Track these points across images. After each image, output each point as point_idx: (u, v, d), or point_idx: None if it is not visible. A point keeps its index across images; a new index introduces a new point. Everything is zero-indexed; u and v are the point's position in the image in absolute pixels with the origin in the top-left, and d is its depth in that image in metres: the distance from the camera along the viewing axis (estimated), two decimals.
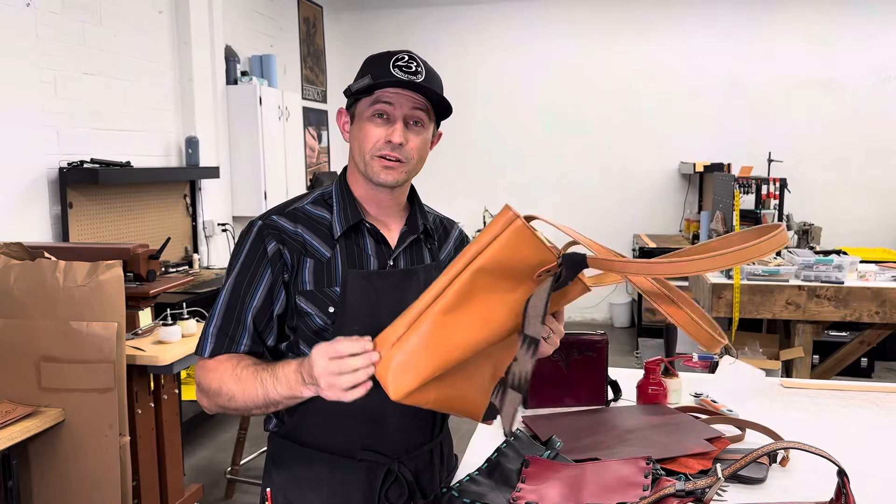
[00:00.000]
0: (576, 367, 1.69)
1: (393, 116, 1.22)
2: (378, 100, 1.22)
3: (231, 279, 1.25)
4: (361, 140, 1.24)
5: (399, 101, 1.22)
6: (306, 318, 1.24)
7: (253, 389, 1.14)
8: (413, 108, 1.23)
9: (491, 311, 1.00)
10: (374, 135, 1.22)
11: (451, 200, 6.54)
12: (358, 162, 1.27)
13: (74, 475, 2.30)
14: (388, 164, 1.23)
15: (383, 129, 1.22)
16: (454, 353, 1.00)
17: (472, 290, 0.98)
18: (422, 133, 1.26)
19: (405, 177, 1.26)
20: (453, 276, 0.99)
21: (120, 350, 2.28)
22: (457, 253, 1.42)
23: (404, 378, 0.99)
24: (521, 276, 0.99)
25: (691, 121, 6.46)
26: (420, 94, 1.23)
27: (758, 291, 3.37)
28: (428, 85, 1.21)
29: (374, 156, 1.23)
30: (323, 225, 1.28)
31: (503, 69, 6.76)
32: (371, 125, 1.23)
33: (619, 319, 6.69)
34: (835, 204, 6.23)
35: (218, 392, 1.19)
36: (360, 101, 1.25)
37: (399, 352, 1.00)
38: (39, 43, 3.38)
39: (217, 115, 4.80)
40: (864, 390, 1.85)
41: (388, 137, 1.22)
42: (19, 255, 2.38)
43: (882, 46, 6.11)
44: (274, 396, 1.12)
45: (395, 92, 1.21)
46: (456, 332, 0.99)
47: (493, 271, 0.97)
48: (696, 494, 1.06)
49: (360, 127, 1.25)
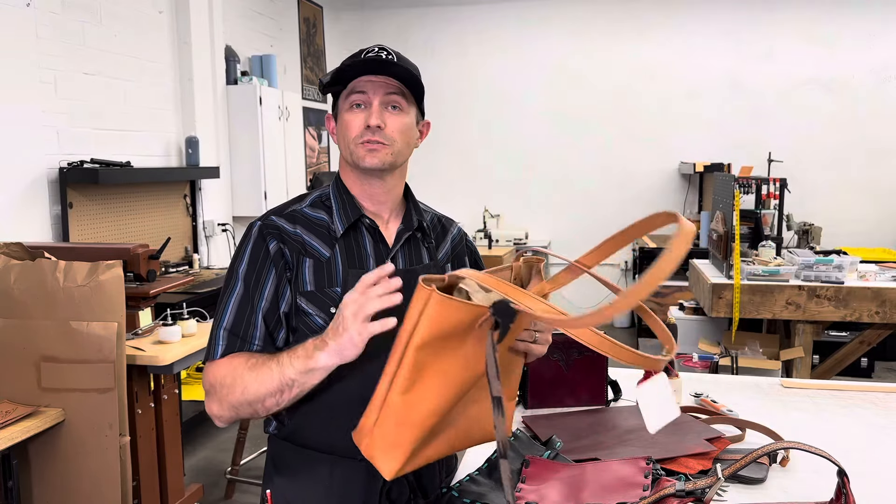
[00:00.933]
0: (576, 367, 1.69)
1: (368, 102, 1.24)
2: (353, 90, 1.24)
3: (238, 280, 1.24)
4: (344, 132, 1.26)
5: (373, 88, 1.23)
6: (306, 318, 1.24)
7: (267, 372, 1.12)
8: (387, 93, 1.24)
9: (447, 373, 1.01)
10: (354, 123, 1.24)
11: (450, 200, 6.55)
12: (346, 155, 1.29)
13: (74, 475, 2.30)
14: (371, 147, 1.24)
15: (361, 115, 1.24)
16: (429, 420, 1.02)
17: (421, 365, 0.99)
18: (402, 116, 1.26)
19: (391, 159, 1.26)
20: (398, 360, 1.00)
21: (120, 350, 2.28)
22: (454, 252, 1.43)
23: (392, 455, 1.02)
24: (462, 333, 1.00)
25: (691, 121, 6.46)
26: (393, 79, 1.24)
27: (758, 291, 3.37)
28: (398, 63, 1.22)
29: (357, 143, 1.25)
30: (321, 226, 1.28)
31: (503, 69, 6.76)
32: (350, 116, 1.25)
33: (619, 319, 6.69)
34: (835, 204, 6.23)
35: (232, 385, 1.16)
36: (339, 99, 1.28)
37: (379, 435, 1.02)
38: (39, 43, 3.39)
39: (217, 115, 4.80)
40: (864, 390, 1.84)
41: (366, 122, 1.23)
42: (19, 255, 2.38)
43: (882, 46, 6.11)
44: (289, 374, 1.10)
45: (368, 80, 1.23)
46: (422, 405, 1.01)
47: (432, 343, 0.98)
48: (696, 494, 1.06)
49: (342, 121, 1.27)
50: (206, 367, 1.22)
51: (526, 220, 6.88)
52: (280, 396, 1.13)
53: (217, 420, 1.21)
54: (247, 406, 1.15)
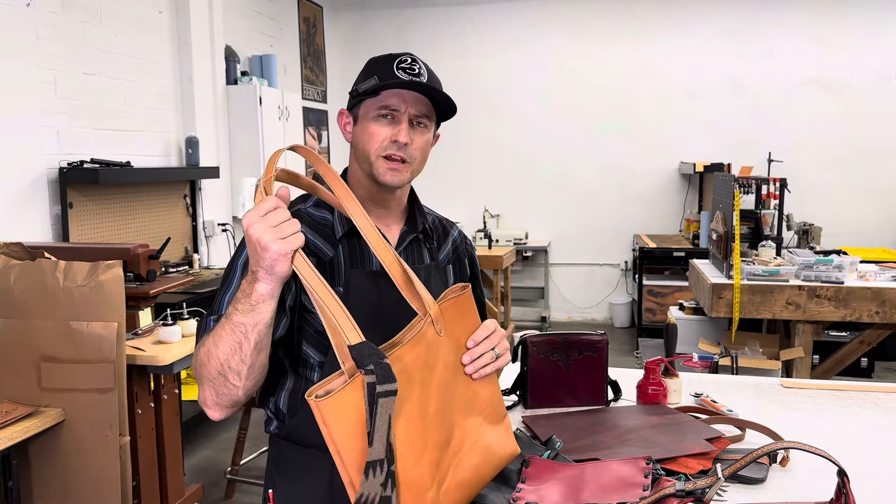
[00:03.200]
0: (576, 367, 1.69)
1: (398, 117, 1.24)
2: (384, 100, 1.24)
3: (236, 272, 1.23)
4: (366, 140, 1.25)
5: (405, 102, 1.24)
6: (309, 316, 1.24)
7: (221, 330, 1.08)
8: (418, 109, 1.25)
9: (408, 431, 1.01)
10: (380, 134, 1.24)
11: (451, 200, 6.54)
12: (361, 162, 1.28)
13: (74, 475, 2.30)
14: (393, 166, 1.25)
15: (388, 128, 1.24)
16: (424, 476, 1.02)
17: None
18: (425, 134, 1.28)
19: (409, 177, 1.28)
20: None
21: (120, 350, 2.28)
22: (455, 254, 1.44)
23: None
24: (360, 428, 0.98)
25: (691, 121, 6.47)
26: (424, 96, 1.25)
27: (758, 291, 3.37)
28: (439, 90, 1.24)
29: (378, 156, 1.25)
30: (325, 226, 1.29)
31: (503, 69, 6.76)
32: (376, 125, 1.24)
33: (619, 319, 6.69)
34: (835, 204, 6.23)
35: (206, 361, 1.12)
36: (364, 102, 1.26)
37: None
38: (39, 43, 3.39)
39: (217, 115, 4.80)
40: (864, 390, 1.85)
41: (393, 137, 1.23)
42: (19, 255, 2.38)
43: (882, 46, 6.11)
44: (237, 319, 1.06)
45: (401, 92, 1.23)
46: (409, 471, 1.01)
47: (346, 441, 0.97)
48: (696, 494, 1.06)
49: (365, 127, 1.26)
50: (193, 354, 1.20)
51: (526, 220, 6.88)
52: (241, 351, 1.07)
53: (207, 409, 1.17)
54: (220, 379, 1.10)
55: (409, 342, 1.03)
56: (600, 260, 6.84)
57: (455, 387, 1.11)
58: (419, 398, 1.03)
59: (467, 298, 1.16)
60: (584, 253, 6.84)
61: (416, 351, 1.04)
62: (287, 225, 1.01)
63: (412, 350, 1.03)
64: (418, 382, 1.03)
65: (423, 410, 1.04)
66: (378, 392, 0.93)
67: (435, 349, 1.08)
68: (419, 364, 1.04)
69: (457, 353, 1.13)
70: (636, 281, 6.13)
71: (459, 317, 1.14)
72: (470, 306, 1.17)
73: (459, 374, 1.13)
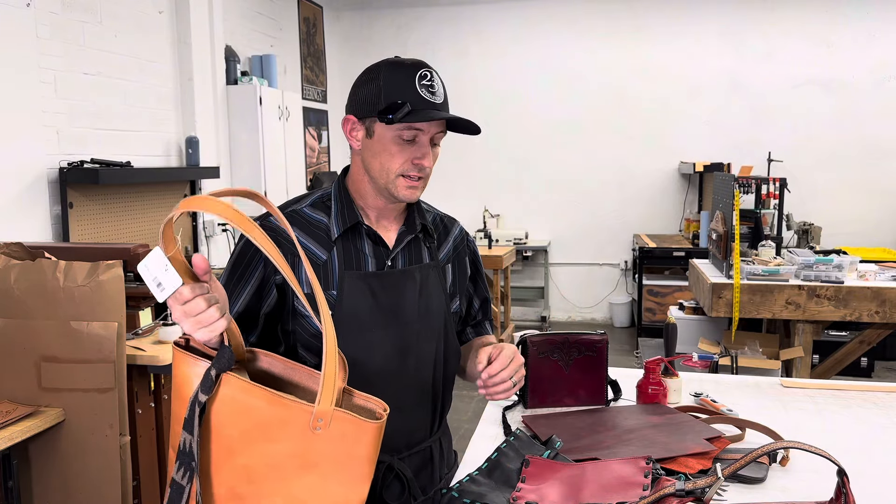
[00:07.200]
0: (576, 367, 1.69)
1: (421, 138, 1.26)
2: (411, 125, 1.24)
3: (223, 279, 1.25)
4: (385, 159, 1.26)
5: (429, 127, 1.26)
6: (302, 320, 1.25)
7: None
8: (438, 131, 1.27)
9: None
10: (402, 155, 1.25)
11: (451, 200, 6.54)
12: (377, 177, 1.28)
13: (74, 475, 2.30)
14: (412, 184, 1.27)
15: (410, 150, 1.25)
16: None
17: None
18: (437, 148, 1.31)
19: (422, 192, 1.32)
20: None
21: (120, 350, 2.27)
22: (456, 252, 1.44)
23: None
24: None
25: (691, 120, 6.47)
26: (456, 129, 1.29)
27: (758, 291, 3.37)
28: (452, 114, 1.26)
29: (398, 175, 1.26)
30: (319, 228, 1.29)
31: (503, 69, 6.76)
32: (397, 147, 1.25)
33: (619, 319, 6.69)
34: (835, 204, 6.24)
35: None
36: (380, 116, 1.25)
37: None
38: (39, 43, 3.39)
39: (217, 115, 4.80)
40: (864, 390, 1.84)
41: (416, 160, 1.26)
42: (19, 255, 2.38)
43: (882, 46, 6.11)
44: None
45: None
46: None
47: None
48: (695, 494, 1.06)
49: (384, 146, 1.26)
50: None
51: (526, 220, 6.88)
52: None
53: None
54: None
55: (275, 400, 0.93)
56: (600, 260, 6.84)
57: (287, 480, 0.94)
58: (233, 442, 0.94)
59: (373, 428, 0.95)
60: (583, 253, 6.84)
61: (271, 409, 0.93)
62: (205, 315, 0.93)
63: (269, 406, 0.93)
64: (242, 433, 0.94)
65: (232, 454, 0.95)
66: (209, 372, 0.93)
67: (289, 433, 0.93)
68: (262, 422, 0.93)
69: (330, 462, 0.94)
70: (636, 281, 6.13)
71: (352, 437, 0.94)
72: (369, 439, 0.95)
73: (309, 476, 0.94)
